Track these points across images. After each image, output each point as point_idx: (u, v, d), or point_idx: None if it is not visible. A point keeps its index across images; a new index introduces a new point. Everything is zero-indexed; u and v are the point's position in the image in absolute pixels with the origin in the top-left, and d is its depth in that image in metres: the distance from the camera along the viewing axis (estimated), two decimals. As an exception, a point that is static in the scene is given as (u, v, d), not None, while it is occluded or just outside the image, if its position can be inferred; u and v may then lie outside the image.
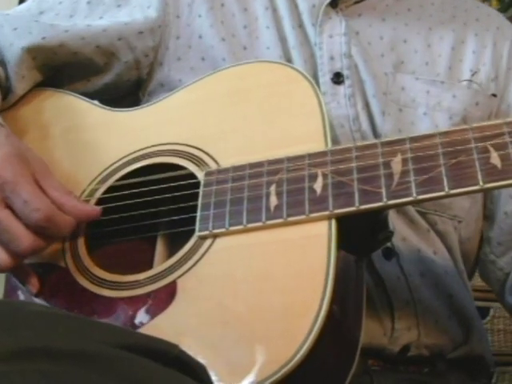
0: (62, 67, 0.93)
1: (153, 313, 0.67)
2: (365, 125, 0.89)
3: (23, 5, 0.97)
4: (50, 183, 0.73)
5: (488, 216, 0.97)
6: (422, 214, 0.88)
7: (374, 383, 0.81)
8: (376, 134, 0.89)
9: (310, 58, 0.92)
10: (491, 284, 0.99)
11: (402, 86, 0.92)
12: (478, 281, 1.02)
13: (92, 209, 0.76)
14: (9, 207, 0.69)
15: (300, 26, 0.94)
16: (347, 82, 0.90)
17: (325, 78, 0.90)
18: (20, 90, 0.90)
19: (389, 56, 0.94)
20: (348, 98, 0.89)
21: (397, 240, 0.84)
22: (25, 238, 0.68)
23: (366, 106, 0.90)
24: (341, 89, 0.90)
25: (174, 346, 0.53)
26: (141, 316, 0.67)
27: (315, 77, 0.89)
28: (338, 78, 0.90)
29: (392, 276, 0.83)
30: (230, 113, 0.79)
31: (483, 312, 1.86)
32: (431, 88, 0.93)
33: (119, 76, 0.94)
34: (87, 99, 0.90)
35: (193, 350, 0.57)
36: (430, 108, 0.92)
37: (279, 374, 0.58)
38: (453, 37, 0.98)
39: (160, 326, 0.66)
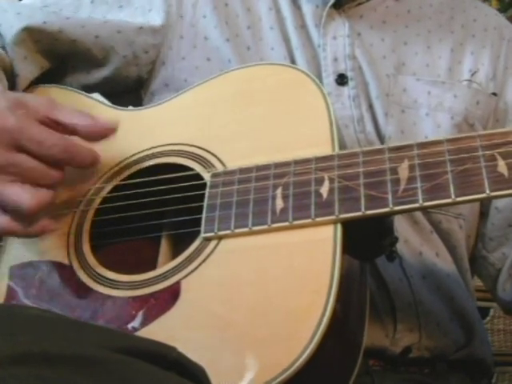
0: (66, 57, 0.93)
1: (156, 313, 0.66)
2: (369, 126, 0.89)
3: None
4: (59, 112, 0.72)
5: (483, 212, 0.97)
6: (427, 213, 0.89)
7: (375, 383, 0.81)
8: (380, 136, 0.89)
9: (312, 59, 0.92)
10: (483, 280, 0.99)
11: (403, 88, 0.92)
12: (478, 281, 1.03)
13: (103, 126, 0.74)
14: (23, 151, 0.68)
15: (302, 26, 0.94)
16: (351, 84, 0.91)
17: (329, 79, 0.91)
18: (26, 71, 0.88)
19: (390, 58, 0.94)
20: (352, 99, 0.90)
21: (399, 242, 0.84)
22: (50, 170, 0.69)
23: (370, 107, 0.91)
24: (345, 90, 0.90)
25: (173, 349, 0.53)
26: (143, 316, 0.67)
27: (319, 78, 0.89)
28: (341, 80, 0.90)
29: (394, 278, 0.83)
30: (238, 115, 0.78)
31: (483, 312, 1.86)
32: (432, 89, 0.93)
33: (118, 70, 0.94)
34: (92, 96, 0.90)
35: (195, 351, 0.57)
36: (431, 108, 0.92)
37: (282, 378, 0.58)
38: (451, 39, 0.98)
39: (163, 327, 0.65)
